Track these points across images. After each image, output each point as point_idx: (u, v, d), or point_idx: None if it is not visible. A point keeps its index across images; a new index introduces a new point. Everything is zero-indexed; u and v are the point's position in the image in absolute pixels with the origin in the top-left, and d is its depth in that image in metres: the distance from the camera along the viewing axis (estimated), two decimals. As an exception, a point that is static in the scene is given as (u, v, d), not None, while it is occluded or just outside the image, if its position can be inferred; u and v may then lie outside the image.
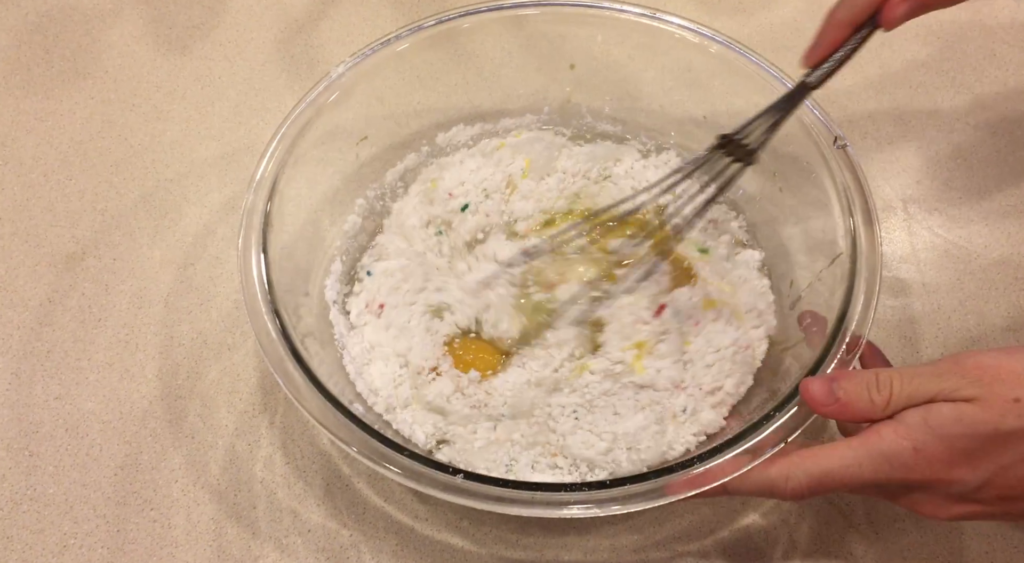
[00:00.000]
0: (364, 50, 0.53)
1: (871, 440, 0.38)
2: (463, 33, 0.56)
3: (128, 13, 0.70)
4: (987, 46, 0.68)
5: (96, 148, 0.63)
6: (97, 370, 0.53)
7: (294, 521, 0.48)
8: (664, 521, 0.48)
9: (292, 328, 0.44)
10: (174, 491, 0.48)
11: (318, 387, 0.42)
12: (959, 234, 0.59)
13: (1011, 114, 0.65)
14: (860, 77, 0.67)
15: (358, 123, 0.54)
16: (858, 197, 0.47)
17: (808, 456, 0.39)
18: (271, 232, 0.46)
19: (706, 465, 0.39)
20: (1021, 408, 0.36)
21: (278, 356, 0.43)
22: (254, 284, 0.45)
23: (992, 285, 0.57)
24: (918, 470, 0.37)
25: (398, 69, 0.55)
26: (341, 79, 0.52)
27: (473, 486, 0.39)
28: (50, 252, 0.57)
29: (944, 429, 0.37)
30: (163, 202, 0.60)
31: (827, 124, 0.50)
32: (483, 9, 0.55)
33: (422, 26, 0.54)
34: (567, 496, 0.39)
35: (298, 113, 0.50)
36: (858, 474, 0.38)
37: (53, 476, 0.49)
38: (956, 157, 0.63)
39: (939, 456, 0.37)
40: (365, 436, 0.40)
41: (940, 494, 0.38)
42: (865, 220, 0.46)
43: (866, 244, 0.46)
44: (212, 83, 0.66)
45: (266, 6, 0.71)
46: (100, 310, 0.55)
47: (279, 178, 0.48)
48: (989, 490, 0.37)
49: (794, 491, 0.39)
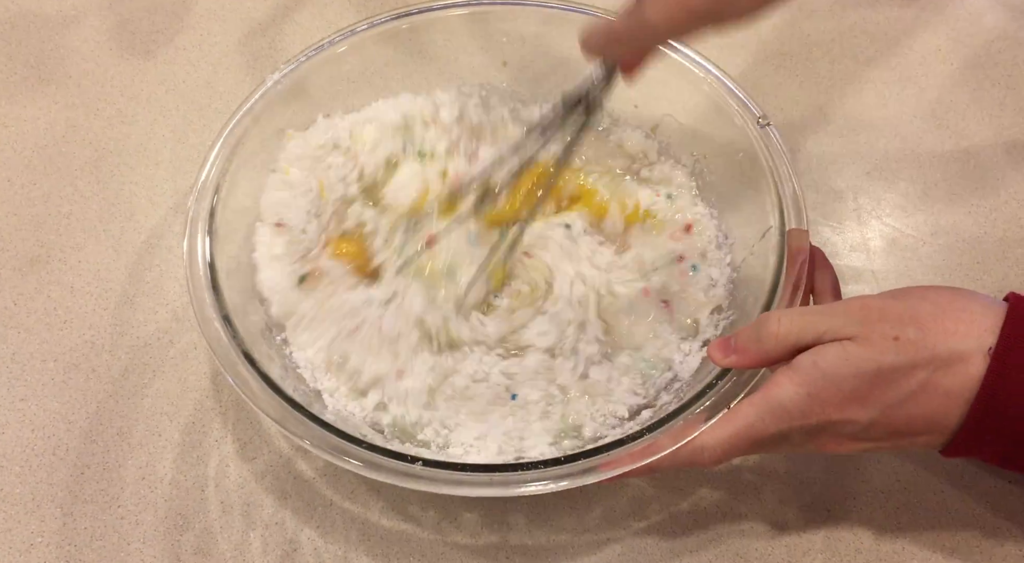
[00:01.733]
0: (299, 56, 0.55)
1: (771, 392, 0.40)
2: (401, 34, 0.57)
3: (91, 19, 0.71)
4: (932, 42, 0.71)
5: (60, 152, 0.63)
6: (63, 371, 0.53)
7: (247, 519, 0.48)
8: (603, 498, 0.49)
9: (241, 330, 0.45)
10: (141, 488, 0.49)
11: (273, 389, 0.43)
12: (907, 223, 0.61)
13: (955, 107, 0.67)
14: (810, 73, 0.69)
15: (297, 125, 0.56)
16: (783, 173, 0.49)
17: (718, 424, 0.41)
18: (216, 238, 0.48)
19: (642, 443, 0.41)
20: (900, 345, 0.38)
21: (231, 360, 0.44)
22: (202, 289, 0.46)
23: (938, 271, 0.59)
24: (814, 414, 0.39)
25: (332, 72, 0.56)
26: (278, 86, 0.54)
27: (431, 472, 0.40)
28: (15, 255, 0.58)
29: (832, 369, 0.39)
30: (128, 205, 0.60)
31: (750, 104, 0.52)
32: (414, 12, 0.57)
33: (355, 30, 0.56)
34: (523, 475, 0.40)
35: (236, 121, 0.52)
36: (763, 430, 0.40)
37: (20, 476, 0.49)
38: (903, 149, 0.65)
39: (831, 398, 0.39)
40: (322, 431, 0.42)
41: (837, 434, 0.40)
42: (791, 194, 0.48)
43: (794, 217, 0.48)
44: (176, 86, 0.67)
45: (229, 10, 0.72)
46: (65, 312, 0.55)
47: (221, 184, 0.50)
48: (878, 429, 0.40)
49: (711, 459, 0.41)
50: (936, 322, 0.39)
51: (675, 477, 0.50)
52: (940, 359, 0.38)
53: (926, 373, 0.38)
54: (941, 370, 0.38)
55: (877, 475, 0.50)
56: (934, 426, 0.39)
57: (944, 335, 0.38)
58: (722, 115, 0.53)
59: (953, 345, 0.38)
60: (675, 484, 0.50)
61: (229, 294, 0.47)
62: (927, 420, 0.39)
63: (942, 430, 0.39)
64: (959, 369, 0.38)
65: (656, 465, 0.41)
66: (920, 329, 0.38)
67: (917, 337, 0.38)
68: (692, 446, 0.41)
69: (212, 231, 0.48)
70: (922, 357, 0.38)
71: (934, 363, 0.38)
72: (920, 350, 0.38)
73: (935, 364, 0.38)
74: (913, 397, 0.39)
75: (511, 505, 0.49)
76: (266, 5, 0.72)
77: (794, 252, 0.46)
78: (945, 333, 0.38)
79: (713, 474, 0.50)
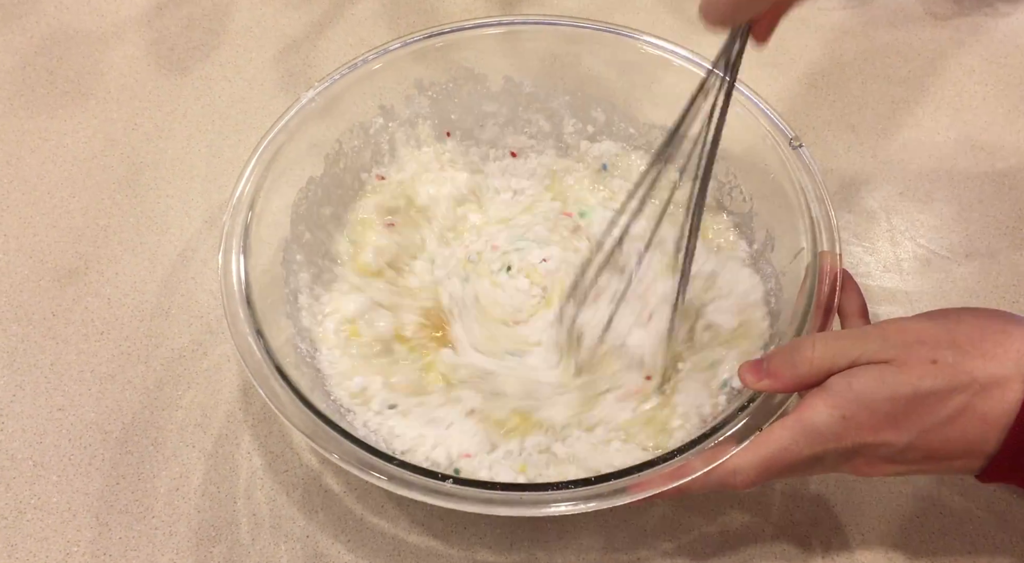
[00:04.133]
0: (333, 73, 0.55)
1: (804, 415, 0.39)
2: (434, 52, 0.58)
3: (130, 35, 0.72)
4: (966, 62, 0.70)
5: (99, 166, 0.64)
6: (100, 382, 0.54)
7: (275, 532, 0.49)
8: (632, 518, 0.49)
9: (273, 345, 0.45)
10: (175, 499, 0.49)
11: (304, 403, 0.43)
12: (941, 244, 0.60)
13: (990, 127, 0.66)
14: (842, 93, 0.69)
15: (332, 143, 0.57)
16: (815, 194, 0.49)
17: (751, 447, 0.40)
18: (250, 253, 0.48)
19: (672, 465, 0.41)
20: (938, 369, 0.38)
21: (263, 374, 0.44)
22: (236, 303, 0.46)
23: (972, 294, 0.58)
24: (848, 437, 0.39)
25: (365, 90, 0.57)
26: (312, 103, 0.54)
27: (460, 490, 0.40)
28: (54, 267, 0.59)
29: (868, 393, 0.38)
30: (164, 218, 0.61)
31: (782, 126, 0.52)
32: (447, 30, 0.57)
33: (388, 48, 0.56)
34: (551, 495, 0.40)
35: (271, 138, 0.52)
36: (797, 453, 0.39)
37: (57, 485, 0.50)
38: (937, 170, 0.64)
39: (866, 421, 0.38)
40: (351, 446, 0.42)
41: (872, 457, 0.40)
42: (823, 215, 0.48)
43: (826, 239, 0.47)
44: (212, 102, 0.68)
45: (265, 28, 0.73)
46: (102, 323, 0.56)
47: (256, 200, 0.50)
48: (914, 452, 0.39)
49: (743, 483, 0.40)
50: (974, 345, 0.38)
51: (704, 499, 0.49)
52: (979, 383, 0.37)
53: (965, 397, 0.38)
54: (980, 394, 0.37)
55: (912, 500, 0.49)
56: (971, 451, 0.39)
57: (983, 359, 0.38)
58: (754, 136, 0.53)
59: (992, 369, 0.37)
60: (704, 506, 0.49)
61: (261, 308, 0.47)
62: (964, 444, 0.39)
63: (979, 455, 0.39)
64: (997, 393, 0.37)
65: (687, 488, 0.41)
66: (958, 352, 0.38)
67: (956, 360, 0.38)
68: (724, 469, 0.40)
69: (247, 246, 0.48)
70: (960, 381, 0.38)
71: (972, 387, 0.38)
72: (959, 374, 0.38)
73: (974, 388, 0.37)
74: (951, 421, 0.38)
75: (539, 523, 0.49)
76: (300, 23, 0.74)
77: (825, 274, 0.46)
78: (984, 357, 0.38)
79: (743, 496, 0.49)
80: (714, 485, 0.41)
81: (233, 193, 0.50)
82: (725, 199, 0.57)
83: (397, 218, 0.57)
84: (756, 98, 0.53)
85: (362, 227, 0.56)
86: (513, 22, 0.59)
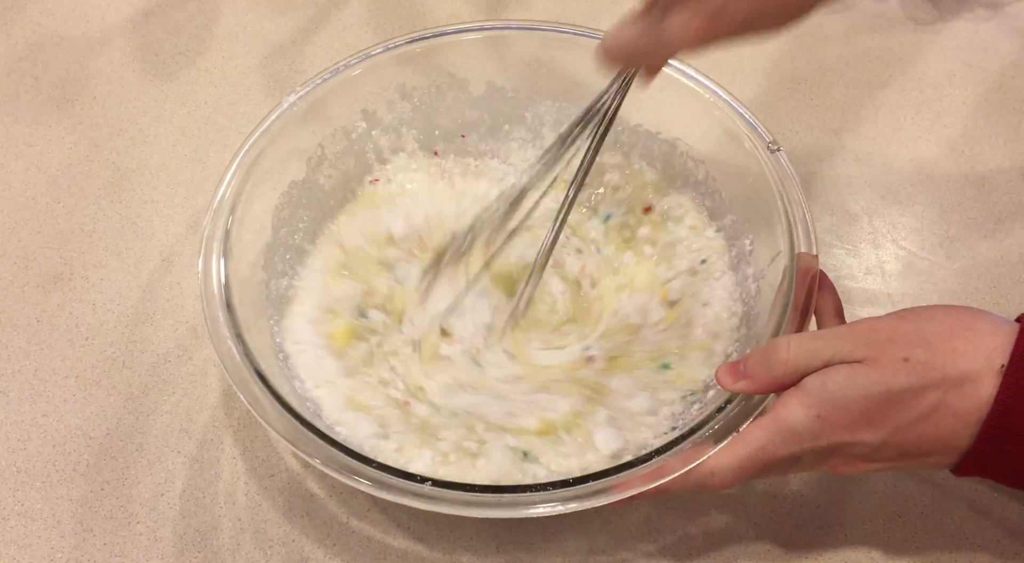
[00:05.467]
0: (315, 78, 0.56)
1: (780, 415, 0.40)
2: (416, 57, 0.58)
3: (116, 41, 0.72)
4: (946, 67, 0.71)
5: (84, 172, 0.64)
6: (84, 387, 0.54)
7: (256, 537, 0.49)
8: (614, 520, 0.49)
9: (254, 349, 0.45)
10: (159, 505, 0.49)
11: (285, 408, 0.43)
12: (922, 246, 0.61)
13: (970, 132, 0.67)
14: (824, 98, 0.69)
15: (314, 147, 0.57)
16: (794, 197, 0.49)
17: (728, 448, 0.41)
18: (231, 257, 0.48)
19: (651, 466, 0.41)
20: (910, 367, 0.38)
21: (243, 379, 0.44)
22: (216, 307, 0.46)
23: (954, 295, 0.59)
24: (824, 437, 0.39)
25: (347, 95, 0.57)
26: (294, 108, 0.54)
27: (439, 492, 0.40)
28: (38, 273, 0.59)
29: (842, 393, 0.39)
30: (148, 223, 0.61)
31: (760, 130, 0.52)
32: (428, 35, 0.58)
33: (370, 53, 0.57)
34: (531, 496, 0.40)
35: (252, 141, 0.52)
36: (774, 453, 0.40)
37: (41, 491, 0.50)
38: (918, 173, 0.65)
39: (840, 421, 0.39)
40: (331, 450, 0.42)
41: (848, 455, 0.40)
42: (801, 218, 0.49)
43: (803, 241, 0.48)
44: (198, 107, 0.68)
45: (251, 33, 0.73)
46: (87, 329, 0.56)
47: (236, 204, 0.50)
48: (889, 450, 0.39)
49: (721, 483, 0.41)
50: (944, 342, 0.39)
51: (686, 500, 0.50)
52: (950, 380, 0.38)
53: (937, 394, 0.38)
54: (952, 391, 0.38)
55: (894, 499, 0.50)
56: (945, 446, 0.39)
57: (953, 355, 0.38)
58: (733, 140, 0.54)
59: (962, 365, 0.38)
60: (686, 506, 0.50)
61: (242, 312, 0.47)
62: (938, 441, 0.39)
63: (952, 450, 0.39)
64: (969, 389, 0.38)
65: (666, 489, 0.41)
66: (929, 350, 0.38)
67: (927, 358, 0.38)
68: (702, 470, 0.41)
69: (227, 250, 0.48)
70: (932, 378, 0.38)
71: (944, 384, 0.38)
72: (930, 371, 0.38)
73: (946, 385, 0.38)
74: (924, 418, 0.38)
75: (521, 525, 0.49)
76: (286, 28, 0.74)
77: (802, 276, 0.46)
78: (954, 353, 0.38)
79: (724, 497, 0.50)
80: (693, 486, 0.41)
81: (214, 197, 0.51)
82: (706, 201, 0.57)
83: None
84: (735, 102, 0.54)
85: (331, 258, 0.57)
86: (495, 27, 0.59)
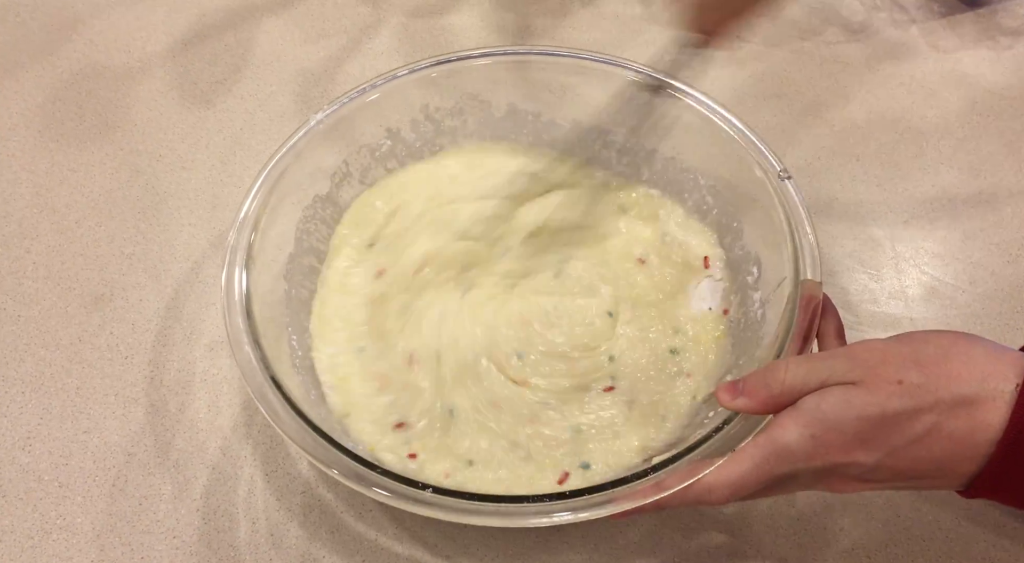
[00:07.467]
0: (342, 97, 0.58)
1: (775, 434, 0.40)
2: (431, 82, 0.60)
3: (156, 71, 0.75)
4: (968, 94, 0.72)
5: (124, 196, 0.66)
6: (124, 405, 0.55)
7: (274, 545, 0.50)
8: (614, 535, 0.50)
9: (272, 357, 0.47)
10: (195, 520, 0.51)
11: (299, 415, 0.44)
12: (945, 271, 0.62)
13: (992, 157, 0.68)
14: (847, 123, 0.70)
15: (338, 163, 0.59)
16: (801, 225, 0.50)
17: (725, 465, 0.41)
18: (253, 267, 0.50)
19: (649, 481, 0.42)
20: (904, 390, 0.38)
21: (258, 384, 0.46)
22: (237, 315, 0.48)
23: (977, 320, 0.59)
24: (819, 457, 0.40)
25: (373, 113, 0.59)
26: (320, 125, 0.56)
27: (440, 499, 0.41)
28: (80, 294, 0.61)
29: (836, 414, 0.39)
30: (186, 246, 0.63)
31: (771, 159, 0.53)
32: (453, 58, 0.59)
33: (395, 75, 0.59)
34: (529, 507, 0.41)
35: (279, 158, 0.55)
36: (769, 471, 0.40)
37: (82, 506, 0.51)
38: (941, 198, 0.66)
39: (835, 441, 0.39)
40: (337, 455, 0.43)
41: (844, 475, 0.41)
42: (808, 245, 0.49)
43: (809, 268, 0.49)
44: (234, 134, 0.71)
45: (285, 62, 0.76)
46: (127, 348, 0.58)
47: (260, 217, 0.52)
48: (883, 471, 0.40)
49: (718, 500, 0.41)
50: (939, 366, 0.39)
51: (684, 516, 0.50)
52: (944, 403, 0.38)
53: (931, 417, 0.38)
54: (946, 414, 0.38)
55: (893, 518, 0.50)
56: (939, 469, 0.39)
57: (947, 379, 0.38)
58: (744, 168, 0.54)
59: (956, 389, 0.38)
60: (686, 523, 0.50)
61: (263, 322, 0.48)
62: (933, 463, 0.39)
63: (949, 473, 0.39)
64: (963, 413, 0.38)
65: (664, 503, 0.42)
66: (923, 373, 0.39)
67: (920, 381, 0.38)
68: (700, 486, 0.41)
69: (249, 261, 0.50)
70: (926, 402, 0.38)
71: (938, 407, 0.38)
72: (924, 394, 0.38)
73: (939, 408, 0.38)
74: (918, 441, 0.39)
75: (521, 537, 0.50)
76: (318, 56, 0.76)
77: (806, 302, 0.47)
78: (948, 377, 0.38)
79: (723, 515, 0.50)
80: (691, 501, 0.42)
81: (239, 211, 0.52)
82: (719, 230, 0.58)
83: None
84: (748, 130, 0.55)
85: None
86: (518, 52, 0.61)
